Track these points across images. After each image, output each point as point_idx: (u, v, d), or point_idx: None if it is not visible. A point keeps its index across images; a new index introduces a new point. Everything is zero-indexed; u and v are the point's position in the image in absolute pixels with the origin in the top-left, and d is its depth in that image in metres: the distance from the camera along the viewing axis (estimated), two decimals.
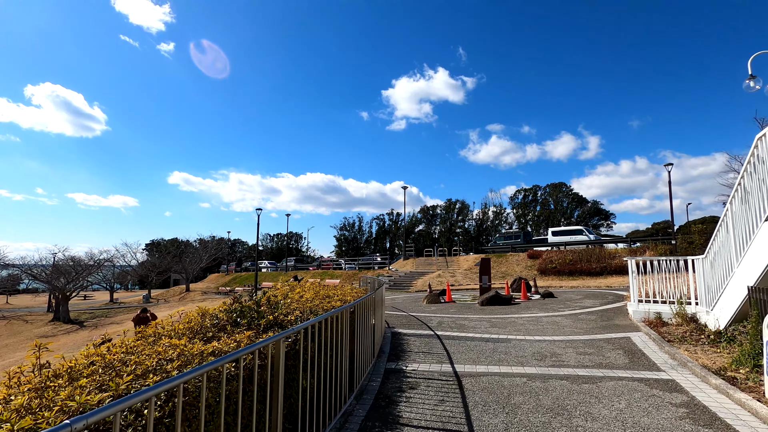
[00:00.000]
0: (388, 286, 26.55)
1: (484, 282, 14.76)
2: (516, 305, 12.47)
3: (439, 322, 9.73)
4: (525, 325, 8.90)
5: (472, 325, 9.14)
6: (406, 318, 10.76)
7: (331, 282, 33.94)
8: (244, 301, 4.44)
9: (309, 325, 3.43)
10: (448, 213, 69.18)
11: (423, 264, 33.10)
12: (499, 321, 9.63)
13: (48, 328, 31.57)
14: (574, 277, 23.64)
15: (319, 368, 3.64)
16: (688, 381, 4.85)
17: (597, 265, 23.73)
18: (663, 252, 22.35)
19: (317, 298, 5.82)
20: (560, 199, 61.25)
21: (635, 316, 9.13)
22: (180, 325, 3.65)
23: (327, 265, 45.76)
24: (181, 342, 2.97)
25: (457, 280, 26.13)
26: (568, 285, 21.31)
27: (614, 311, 10.43)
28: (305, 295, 5.94)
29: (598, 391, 4.58)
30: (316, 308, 4.91)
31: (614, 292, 15.62)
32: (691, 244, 21.92)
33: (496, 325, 9.12)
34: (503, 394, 4.56)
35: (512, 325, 9.04)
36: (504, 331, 8.35)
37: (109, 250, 38.33)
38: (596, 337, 7.51)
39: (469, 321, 9.79)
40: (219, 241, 56.86)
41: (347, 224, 76.63)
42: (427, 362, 6.07)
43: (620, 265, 23.16)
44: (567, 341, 7.19)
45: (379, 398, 4.53)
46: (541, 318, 9.89)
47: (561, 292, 16.19)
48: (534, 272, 26.01)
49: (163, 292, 49.07)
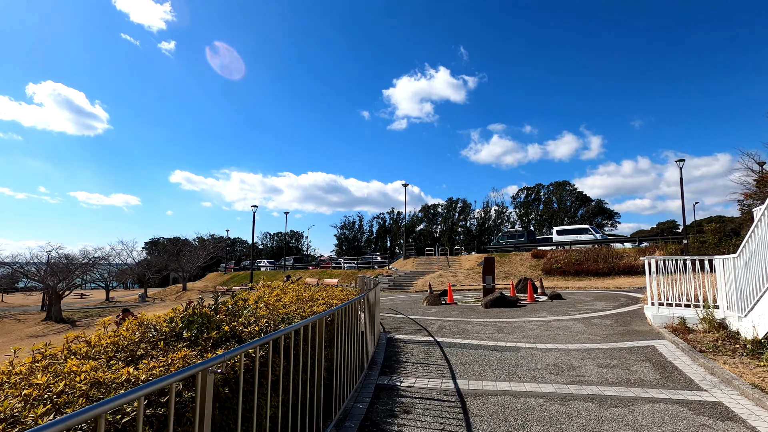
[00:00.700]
0: (388, 286, 25.73)
1: (488, 282, 13.93)
2: (522, 307, 11.64)
3: (440, 327, 8.91)
4: (534, 331, 8.07)
5: (475, 330, 8.32)
6: (404, 321, 9.95)
7: (329, 281, 33.13)
8: (202, 307, 3.64)
9: (271, 339, 2.62)
10: (450, 212, 68.30)
11: (424, 263, 32.26)
12: (506, 325, 8.80)
13: (40, 327, 30.87)
14: (580, 278, 22.78)
15: (286, 391, 2.84)
16: (739, 405, 4.01)
17: (604, 265, 22.85)
18: (673, 252, 21.45)
19: (298, 301, 5.02)
20: (564, 197, 60.29)
21: (655, 320, 8.29)
22: (105, 339, 2.84)
23: (326, 264, 44.97)
24: (87, 367, 2.17)
25: (458, 280, 25.29)
26: (574, 286, 20.45)
27: (630, 315, 9.59)
28: (284, 298, 5.13)
29: (633, 419, 3.75)
30: (292, 314, 4.09)
31: (626, 293, 14.77)
32: (703, 243, 21.01)
33: (502, 330, 8.30)
34: (517, 421, 3.74)
35: (520, 330, 8.21)
36: (512, 337, 7.53)
37: (104, 248, 37.56)
38: (616, 345, 6.67)
39: (473, 325, 8.97)
40: (219, 240, 56.10)
41: (347, 223, 75.87)
42: (426, 376, 5.24)
43: (628, 265, 22.30)
44: (584, 351, 6.36)
45: (365, 426, 3.71)
46: (551, 322, 9.06)
47: (568, 294, 15.35)
48: (538, 272, 25.16)
49: (160, 291, 48.38)
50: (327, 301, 5.44)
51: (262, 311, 3.95)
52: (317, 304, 4.98)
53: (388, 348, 6.80)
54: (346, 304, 4.30)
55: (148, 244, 74.27)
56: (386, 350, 6.62)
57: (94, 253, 35.83)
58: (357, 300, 4.86)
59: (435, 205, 71.10)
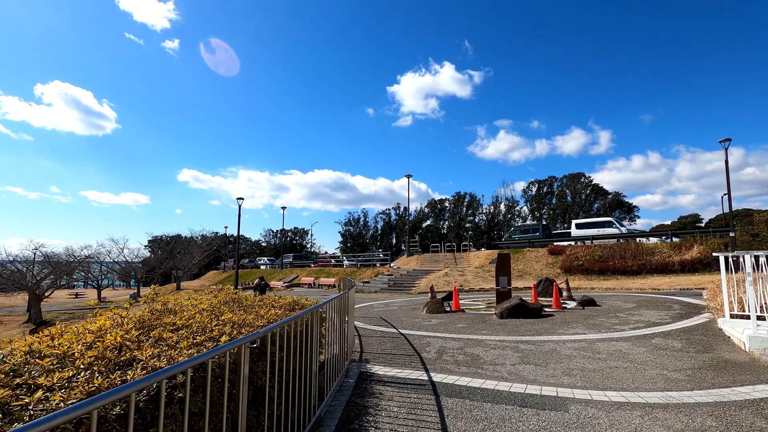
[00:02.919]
0: (387, 286, 23.21)
1: (503, 284, 11.36)
2: (548, 318, 9.07)
3: (440, 350, 6.40)
4: (576, 360, 5.52)
5: (490, 358, 5.80)
6: (392, 340, 7.45)
7: (325, 281, 30.74)
8: None
9: None
10: (457, 207, 65.39)
11: (428, 261, 29.69)
12: (532, 349, 6.26)
13: (18, 330, 29.06)
14: (605, 277, 20.04)
15: None
16: None
17: (633, 262, 20.08)
18: (715, 247, 18.61)
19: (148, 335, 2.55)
20: (578, 190, 57.01)
21: (752, 344, 5.69)
22: None
23: (325, 261, 42.59)
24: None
25: (466, 280, 22.70)
26: (601, 287, 17.73)
27: (703, 332, 6.98)
28: (177, 322, 2.68)
29: None
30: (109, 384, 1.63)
31: (672, 297, 12.08)
32: (755, 237, 18.13)
33: (528, 357, 5.76)
34: None
35: (555, 358, 5.67)
36: (546, 373, 4.99)
37: (91, 246, 35.60)
38: (721, 394, 4.10)
39: (486, 348, 6.44)
40: (213, 237, 54.09)
41: (352, 219, 73.51)
42: None
43: (662, 262, 19.52)
44: (675, 408, 3.80)
45: None
46: (595, 343, 6.50)
47: (600, 297, 12.69)
48: (557, 270, 22.47)
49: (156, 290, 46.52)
50: (229, 332, 2.99)
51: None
52: (189, 345, 2.50)
53: (354, 397, 4.31)
54: (222, 349, 1.83)
55: (151, 242, 72.74)
56: (348, 403, 4.13)
57: (80, 251, 33.87)
58: (268, 331, 2.39)
59: (442, 200, 68.34)
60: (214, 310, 3.99)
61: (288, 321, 3.22)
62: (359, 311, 12.46)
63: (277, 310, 4.20)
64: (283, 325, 3.14)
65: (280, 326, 3.04)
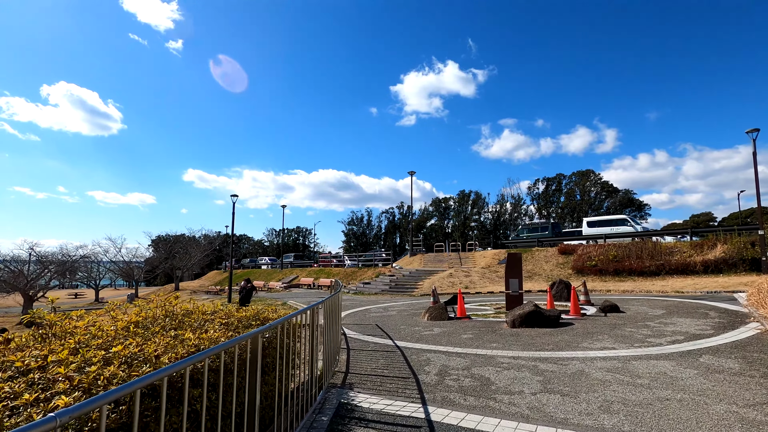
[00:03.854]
0: (389, 288, 22.08)
1: (514, 287, 10.20)
2: (568, 327, 7.90)
3: (442, 372, 5.27)
4: (613, 387, 4.36)
5: (504, 384, 4.66)
6: (386, 356, 6.33)
7: (324, 282, 29.69)
8: None
9: None
10: (462, 206, 64.06)
11: (432, 261, 28.52)
12: (555, 371, 5.11)
13: (13, 331, 28.36)
14: (621, 278, 18.77)
15: None
16: None
17: (651, 262, 18.80)
18: (743, 246, 17.28)
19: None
20: (587, 188, 55.47)
21: None
22: None
23: (327, 261, 41.52)
24: None
25: (472, 281, 21.53)
26: (617, 288, 16.48)
27: (758, 348, 5.79)
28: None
29: None
30: None
31: (703, 302, 10.85)
32: None
33: (551, 382, 4.61)
34: None
35: (586, 385, 4.51)
36: (578, 408, 3.84)
37: (86, 246, 34.85)
38: None
39: (498, 369, 5.30)
40: (224, 237, 53.29)
41: (355, 219, 72.47)
42: None
43: (681, 262, 18.22)
44: None
45: None
46: (631, 363, 5.33)
47: (621, 301, 11.48)
48: (568, 271, 21.23)
49: (155, 290, 45.84)
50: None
51: None
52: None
53: None
54: None
55: (155, 241, 72.17)
56: None
57: (74, 251, 33.09)
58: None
59: (446, 199, 67.10)
60: (128, 332, 2.89)
61: (217, 349, 2.14)
62: (353, 317, 11.36)
63: (216, 332, 3.08)
64: (210, 355, 2.07)
65: (198, 359, 1.96)
